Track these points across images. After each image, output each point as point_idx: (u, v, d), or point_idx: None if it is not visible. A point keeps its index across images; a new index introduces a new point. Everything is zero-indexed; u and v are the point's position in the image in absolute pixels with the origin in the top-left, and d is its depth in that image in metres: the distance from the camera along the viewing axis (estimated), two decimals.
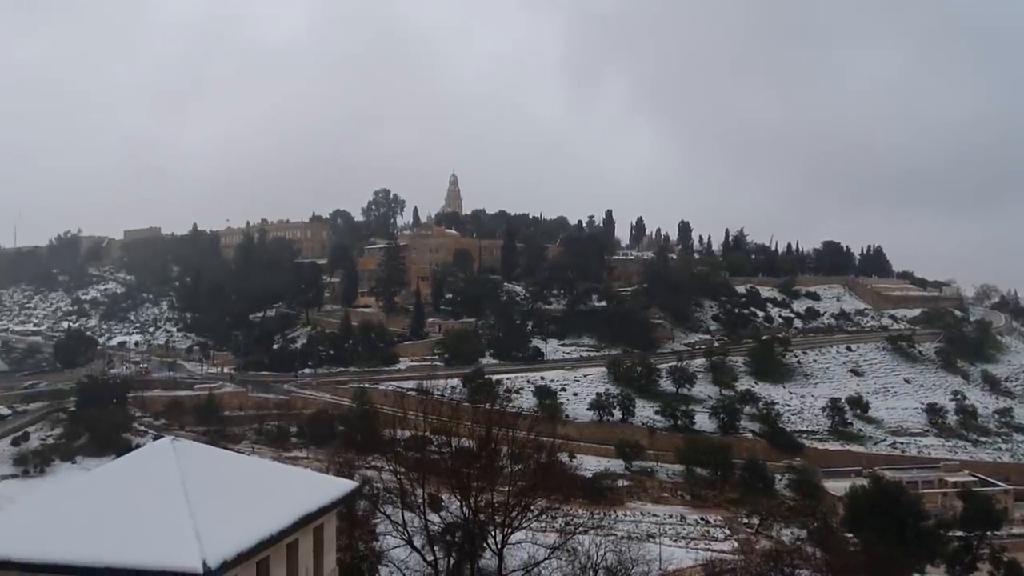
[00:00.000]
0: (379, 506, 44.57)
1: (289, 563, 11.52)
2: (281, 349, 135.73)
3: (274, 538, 10.77)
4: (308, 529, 11.89)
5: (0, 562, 10.07)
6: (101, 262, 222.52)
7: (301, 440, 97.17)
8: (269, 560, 10.90)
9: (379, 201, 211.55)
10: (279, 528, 10.79)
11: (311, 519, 11.82)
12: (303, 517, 11.50)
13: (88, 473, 14.39)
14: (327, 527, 12.68)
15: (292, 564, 11.58)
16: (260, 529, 10.47)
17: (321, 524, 12.40)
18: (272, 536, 10.67)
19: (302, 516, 11.46)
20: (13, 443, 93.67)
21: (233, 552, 9.75)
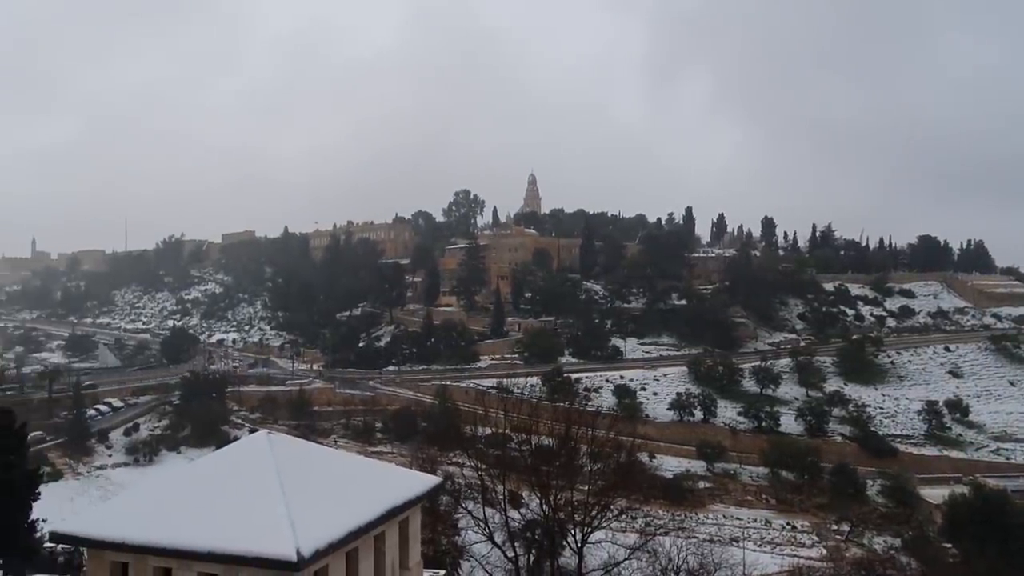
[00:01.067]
0: (461, 502, 45.21)
1: (376, 554, 11.82)
2: (366, 347, 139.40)
3: (362, 530, 11.05)
4: (394, 522, 12.17)
5: (114, 543, 10.74)
6: (202, 264, 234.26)
7: (386, 436, 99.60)
8: (358, 551, 11.21)
9: (459, 202, 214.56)
10: (367, 520, 11.08)
11: (397, 512, 12.09)
12: (389, 510, 11.76)
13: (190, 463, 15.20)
14: (412, 521, 12.94)
15: (379, 555, 11.88)
16: (349, 521, 10.79)
17: (407, 517, 12.67)
18: (360, 528, 10.96)
19: (388, 509, 11.72)
20: (125, 433, 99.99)
21: (324, 542, 10.08)
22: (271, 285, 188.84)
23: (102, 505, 14.78)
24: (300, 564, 9.44)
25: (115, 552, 10.66)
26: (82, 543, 11.04)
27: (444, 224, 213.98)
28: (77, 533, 10.85)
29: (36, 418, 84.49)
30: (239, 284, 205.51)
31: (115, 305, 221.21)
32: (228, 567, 10.01)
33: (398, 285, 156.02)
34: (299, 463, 11.75)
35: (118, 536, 10.46)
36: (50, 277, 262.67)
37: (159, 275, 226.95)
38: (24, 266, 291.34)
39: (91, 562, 11.05)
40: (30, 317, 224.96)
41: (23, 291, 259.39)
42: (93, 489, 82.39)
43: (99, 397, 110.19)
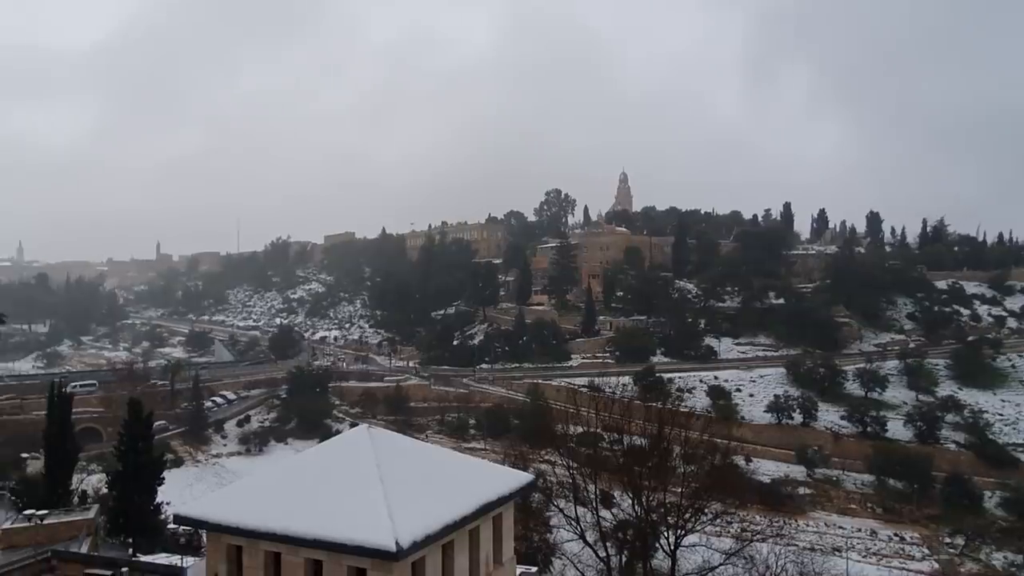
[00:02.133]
0: (552, 500, 45.24)
1: (471, 548, 12.07)
2: (460, 345, 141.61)
3: (457, 523, 11.34)
4: (488, 517, 12.39)
5: (230, 528, 11.46)
6: (306, 265, 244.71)
7: (478, 432, 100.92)
8: (453, 544, 11.49)
9: (551, 201, 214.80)
10: (462, 514, 11.36)
11: (491, 508, 12.31)
12: (484, 505, 12.00)
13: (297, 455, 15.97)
14: (506, 517, 13.13)
15: (474, 550, 12.13)
16: (445, 514, 11.09)
17: (500, 513, 12.86)
18: (456, 521, 11.25)
19: (483, 504, 11.96)
20: (238, 424, 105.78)
21: (422, 534, 10.41)
22: (369, 284, 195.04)
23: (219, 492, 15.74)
24: (399, 554, 9.79)
25: (231, 536, 11.39)
26: (202, 526, 11.84)
27: (536, 223, 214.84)
28: (198, 516, 11.65)
29: (160, 409, 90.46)
30: (340, 283, 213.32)
31: (229, 303, 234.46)
32: (332, 554, 10.51)
33: (491, 284, 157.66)
34: (398, 457, 12.17)
35: (233, 521, 11.18)
36: (172, 277, 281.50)
37: (268, 275, 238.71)
38: (150, 268, 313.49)
39: (210, 544, 11.84)
40: (155, 315, 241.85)
41: (149, 291, 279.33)
42: (210, 476, 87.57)
43: (215, 390, 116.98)
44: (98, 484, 54.59)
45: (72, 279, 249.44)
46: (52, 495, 47.66)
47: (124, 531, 45.80)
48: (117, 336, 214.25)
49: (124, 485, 45.98)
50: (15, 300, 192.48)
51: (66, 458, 50.06)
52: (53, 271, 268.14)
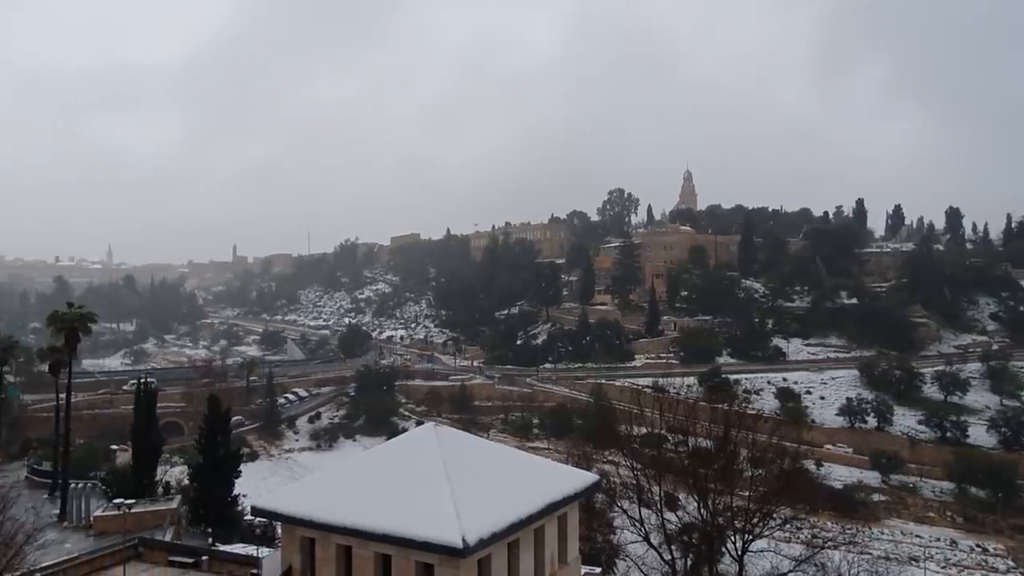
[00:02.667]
0: (616, 501, 44.80)
1: (536, 547, 12.11)
2: (524, 345, 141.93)
3: (523, 522, 11.40)
4: (553, 517, 12.40)
5: (303, 520, 11.83)
6: (373, 266, 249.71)
7: (542, 431, 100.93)
8: (519, 542, 11.55)
9: (614, 200, 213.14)
10: (528, 513, 11.41)
11: (556, 507, 12.32)
12: (549, 505, 12.02)
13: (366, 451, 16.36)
14: (571, 516, 13.12)
15: (539, 548, 12.16)
16: (511, 512, 11.16)
17: (565, 513, 12.86)
18: (521, 520, 11.31)
19: (548, 504, 11.99)
20: (309, 421, 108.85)
21: (488, 531, 10.51)
22: (434, 284, 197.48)
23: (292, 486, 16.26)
24: (465, 551, 9.91)
25: (304, 528, 11.76)
26: (277, 518, 12.26)
27: (598, 223, 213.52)
28: (273, 509, 12.07)
29: (237, 405, 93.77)
30: (406, 284, 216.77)
31: (300, 304, 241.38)
32: (400, 549, 10.72)
33: (554, 284, 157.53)
34: (464, 455, 12.31)
35: (307, 514, 11.55)
36: (247, 279, 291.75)
37: (337, 276, 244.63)
38: (227, 269, 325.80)
39: (284, 536, 12.25)
40: (232, 314, 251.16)
41: (226, 291, 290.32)
42: (283, 470, 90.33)
43: (287, 387, 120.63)
44: (180, 476, 57.02)
45: (156, 281, 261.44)
46: (139, 485, 50.05)
47: (204, 521, 47.71)
48: (197, 335, 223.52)
49: (204, 477, 47.91)
50: (105, 301, 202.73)
51: (151, 450, 52.50)
52: (139, 273, 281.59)
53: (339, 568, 11.49)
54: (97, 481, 54.75)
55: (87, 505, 50.44)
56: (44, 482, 58.66)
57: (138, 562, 36.57)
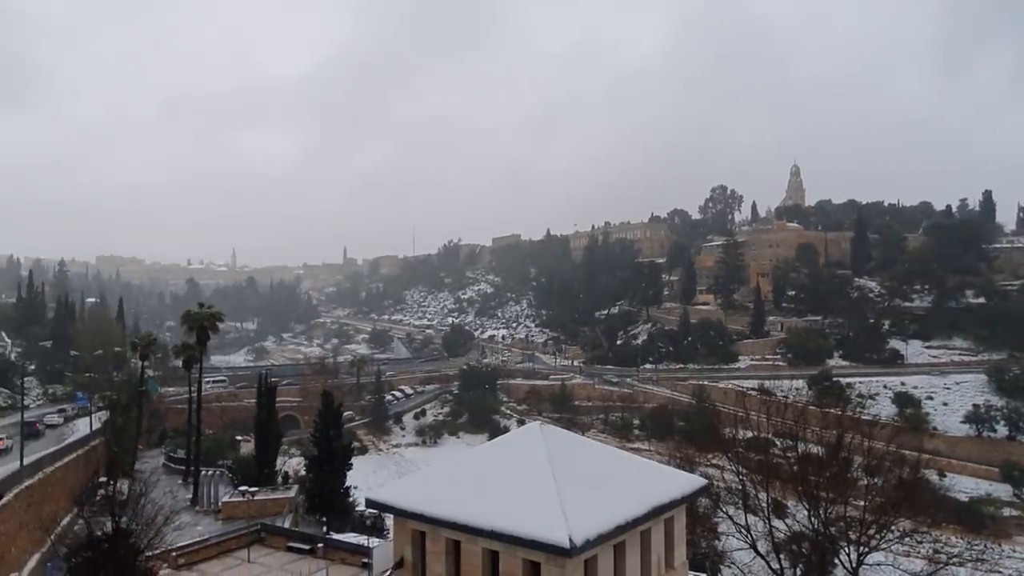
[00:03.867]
0: (721, 506, 43.50)
1: (643, 550, 11.94)
2: (624, 345, 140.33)
3: (629, 524, 11.26)
4: (660, 520, 12.18)
5: (414, 514, 12.19)
6: (475, 266, 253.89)
7: (642, 432, 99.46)
8: (625, 545, 11.43)
9: (716, 198, 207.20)
10: (634, 516, 11.26)
11: (663, 511, 12.09)
12: (656, 508, 11.82)
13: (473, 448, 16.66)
14: (677, 520, 12.85)
15: (645, 551, 11.98)
16: (617, 514, 11.05)
17: (672, 517, 12.61)
18: (628, 522, 11.17)
19: (655, 507, 11.79)
20: (415, 417, 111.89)
21: (595, 532, 10.45)
22: (535, 285, 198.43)
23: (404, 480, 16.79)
24: (572, 551, 9.90)
25: (415, 521, 12.11)
26: (390, 511, 12.68)
27: (700, 222, 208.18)
28: (386, 502, 12.49)
29: (348, 400, 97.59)
30: (507, 284, 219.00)
31: (406, 303, 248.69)
32: (508, 546, 10.84)
33: (654, 284, 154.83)
34: (570, 454, 12.31)
35: (418, 508, 11.88)
36: (357, 280, 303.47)
37: (440, 276, 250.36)
38: (338, 271, 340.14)
39: (396, 528, 12.66)
40: (343, 314, 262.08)
41: (337, 292, 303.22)
42: (391, 464, 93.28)
43: (394, 384, 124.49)
44: (297, 466, 59.98)
45: (274, 282, 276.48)
46: (260, 474, 53.12)
47: (319, 510, 50.00)
48: (311, 333, 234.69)
49: (319, 468, 50.23)
50: (230, 301, 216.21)
51: (272, 442, 55.59)
52: (259, 275, 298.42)
53: (448, 562, 11.75)
54: (224, 469, 58.53)
55: (216, 491, 54.04)
56: (178, 468, 63.29)
57: (261, 546, 38.78)
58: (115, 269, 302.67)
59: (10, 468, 44.21)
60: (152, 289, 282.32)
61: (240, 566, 35.79)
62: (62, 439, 60.81)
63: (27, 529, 41.51)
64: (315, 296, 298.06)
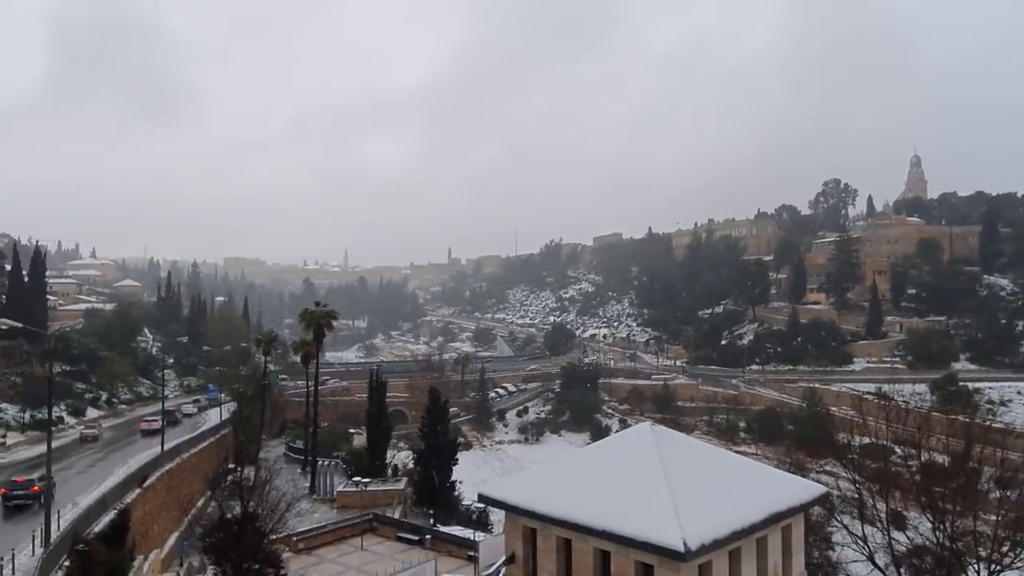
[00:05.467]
0: (835, 515, 41.36)
1: (759, 558, 11.48)
2: (728, 345, 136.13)
3: (745, 531, 10.82)
4: (777, 527, 11.65)
5: (526, 511, 12.25)
6: (576, 265, 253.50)
7: (749, 435, 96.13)
8: (740, 551, 11.02)
9: (828, 192, 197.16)
10: (751, 522, 10.81)
11: (780, 518, 11.54)
12: (773, 514, 11.30)
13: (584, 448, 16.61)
14: (795, 528, 12.25)
15: (762, 560, 11.48)
16: (733, 519, 10.65)
17: (790, 524, 12.05)
18: (744, 528, 10.74)
19: (773, 513, 11.27)
20: (517, 415, 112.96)
21: (710, 537, 10.11)
22: (636, 284, 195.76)
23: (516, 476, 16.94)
24: (687, 555, 9.64)
25: (526, 518, 12.16)
26: (501, 506, 12.77)
27: (810, 217, 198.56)
28: (499, 498, 12.61)
29: (453, 397, 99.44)
30: (608, 283, 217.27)
31: (508, 302, 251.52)
32: (620, 547, 10.68)
33: (761, 282, 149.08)
34: (681, 456, 11.99)
35: (529, 505, 11.92)
36: (461, 279, 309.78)
37: (542, 276, 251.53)
38: (443, 271, 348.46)
39: (508, 524, 12.77)
40: (447, 312, 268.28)
41: (442, 291, 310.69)
42: (494, 460, 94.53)
43: (497, 382, 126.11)
44: (405, 460, 61.83)
45: (384, 281, 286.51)
46: (371, 466, 55.12)
47: (426, 503, 51.33)
48: (418, 331, 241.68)
49: (426, 462, 51.55)
50: (343, 300, 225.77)
51: (382, 435, 57.56)
52: (369, 275, 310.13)
53: (559, 559, 11.73)
54: (339, 460, 61.18)
55: (331, 480, 56.59)
56: (297, 458, 66.74)
57: (372, 535, 40.34)
58: (240, 270, 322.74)
59: (153, 452, 48.04)
60: (273, 289, 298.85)
61: (354, 553, 37.38)
62: (196, 427, 65.52)
63: (167, 509, 44.94)
64: (421, 295, 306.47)
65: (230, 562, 26.25)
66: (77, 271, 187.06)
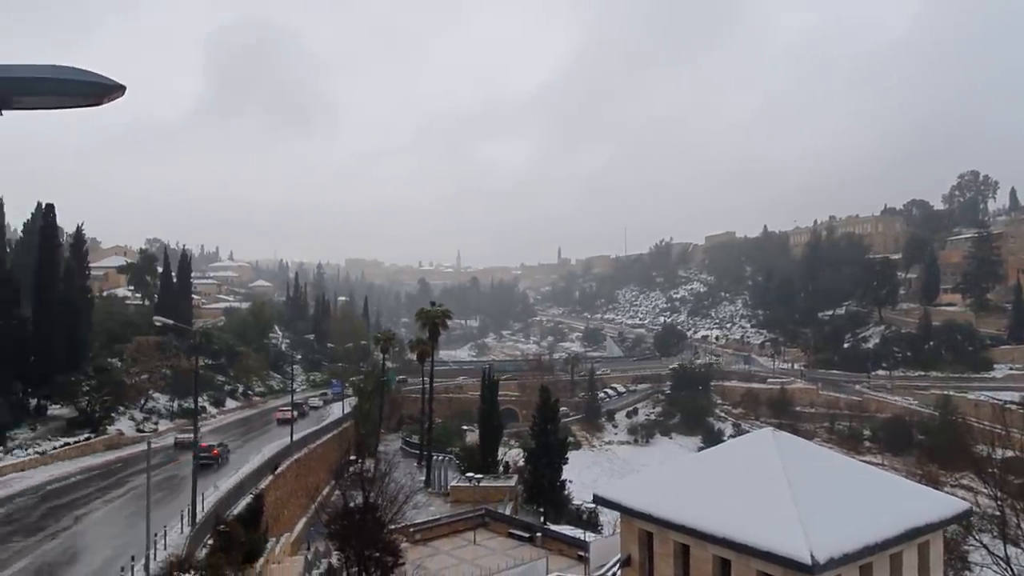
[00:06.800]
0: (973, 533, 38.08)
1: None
2: (852, 348, 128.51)
3: (878, 545, 10.10)
4: (913, 544, 10.78)
5: (642, 514, 12.01)
6: (687, 265, 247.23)
7: (874, 444, 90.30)
8: (872, 567, 10.30)
9: (964, 185, 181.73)
10: (884, 537, 10.05)
11: (917, 534, 10.69)
12: (910, 530, 10.46)
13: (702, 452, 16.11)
14: (933, 546, 11.28)
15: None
16: (864, 532, 9.95)
17: (927, 542, 11.12)
18: (877, 543, 10.02)
19: (909, 528, 10.44)
20: (627, 416, 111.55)
21: (839, 550, 9.50)
22: (751, 284, 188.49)
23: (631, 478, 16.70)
24: (814, 568, 9.10)
25: (643, 521, 11.91)
26: (617, 508, 12.59)
27: (943, 212, 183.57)
28: (614, 499, 12.43)
29: (562, 396, 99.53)
30: (721, 283, 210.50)
31: (617, 303, 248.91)
32: (740, 555, 10.25)
33: (888, 282, 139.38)
34: (806, 464, 11.36)
35: (645, 508, 11.68)
36: (570, 279, 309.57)
37: (652, 276, 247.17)
38: (552, 271, 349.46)
39: (623, 526, 12.56)
40: (557, 312, 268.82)
41: (552, 291, 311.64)
42: (604, 461, 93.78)
43: (607, 382, 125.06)
44: (516, 457, 62.46)
45: (495, 282, 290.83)
46: (484, 462, 56.10)
47: (536, 501, 51.65)
48: (528, 331, 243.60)
49: (536, 461, 51.87)
50: (455, 300, 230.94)
51: (494, 433, 58.47)
52: (481, 275, 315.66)
53: (677, 565, 11.41)
54: (452, 455, 62.69)
55: (445, 475, 58.06)
56: (413, 452, 68.94)
57: (484, 530, 41.01)
58: (360, 271, 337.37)
59: (283, 442, 51.08)
60: (390, 289, 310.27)
61: (467, 547, 38.15)
62: (321, 420, 69.07)
63: (296, 496, 47.66)
64: (532, 295, 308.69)
65: (352, 548, 27.46)
66: (217, 272, 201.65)
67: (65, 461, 45.54)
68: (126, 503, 35.42)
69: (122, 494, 37.42)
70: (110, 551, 27.10)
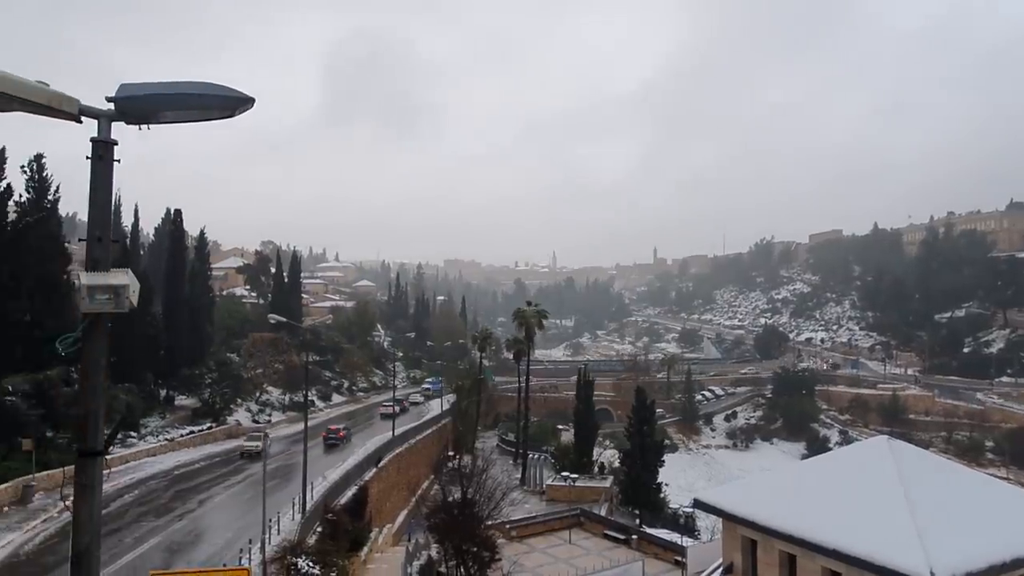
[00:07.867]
0: None
1: None
2: (972, 353, 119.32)
3: (1007, 565, 9.34)
4: None
5: (745, 520, 11.64)
6: (790, 264, 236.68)
7: (998, 456, 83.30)
8: None
9: None
10: (1015, 556, 9.31)
11: None
12: None
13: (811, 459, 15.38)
14: None
15: None
16: (990, 550, 9.24)
17: None
18: (1006, 563, 9.28)
19: None
20: (725, 419, 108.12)
21: (962, 568, 8.85)
22: (859, 284, 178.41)
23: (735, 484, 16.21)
24: None
25: (746, 528, 11.53)
26: (719, 513, 12.26)
27: None
28: (717, 504, 12.11)
29: (658, 398, 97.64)
30: (826, 283, 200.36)
31: (715, 303, 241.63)
32: (852, 568, 9.73)
33: (1014, 282, 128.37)
34: (926, 475, 10.64)
35: (750, 515, 11.30)
36: (666, 279, 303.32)
37: (751, 276, 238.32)
38: (648, 271, 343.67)
39: (725, 532, 12.20)
40: (652, 313, 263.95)
41: (648, 291, 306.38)
42: (701, 464, 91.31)
43: (704, 384, 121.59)
44: (611, 458, 61.81)
45: (590, 282, 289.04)
46: (579, 462, 55.83)
47: (632, 502, 50.94)
48: (623, 331, 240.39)
49: (632, 462, 51.16)
50: (551, 300, 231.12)
51: (589, 433, 58.11)
52: (576, 275, 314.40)
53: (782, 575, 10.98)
54: (547, 454, 62.78)
55: (540, 473, 58.24)
56: (509, 450, 69.51)
57: (580, 530, 40.83)
58: (458, 271, 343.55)
59: (385, 436, 52.77)
60: (487, 289, 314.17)
61: (562, 546, 38.12)
62: (421, 416, 70.81)
63: (398, 489, 49.11)
64: (627, 295, 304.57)
65: (451, 542, 28.04)
66: (324, 273, 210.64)
67: (190, 448, 48.85)
68: (243, 488, 37.62)
69: (240, 480, 39.77)
70: (231, 533, 28.86)
